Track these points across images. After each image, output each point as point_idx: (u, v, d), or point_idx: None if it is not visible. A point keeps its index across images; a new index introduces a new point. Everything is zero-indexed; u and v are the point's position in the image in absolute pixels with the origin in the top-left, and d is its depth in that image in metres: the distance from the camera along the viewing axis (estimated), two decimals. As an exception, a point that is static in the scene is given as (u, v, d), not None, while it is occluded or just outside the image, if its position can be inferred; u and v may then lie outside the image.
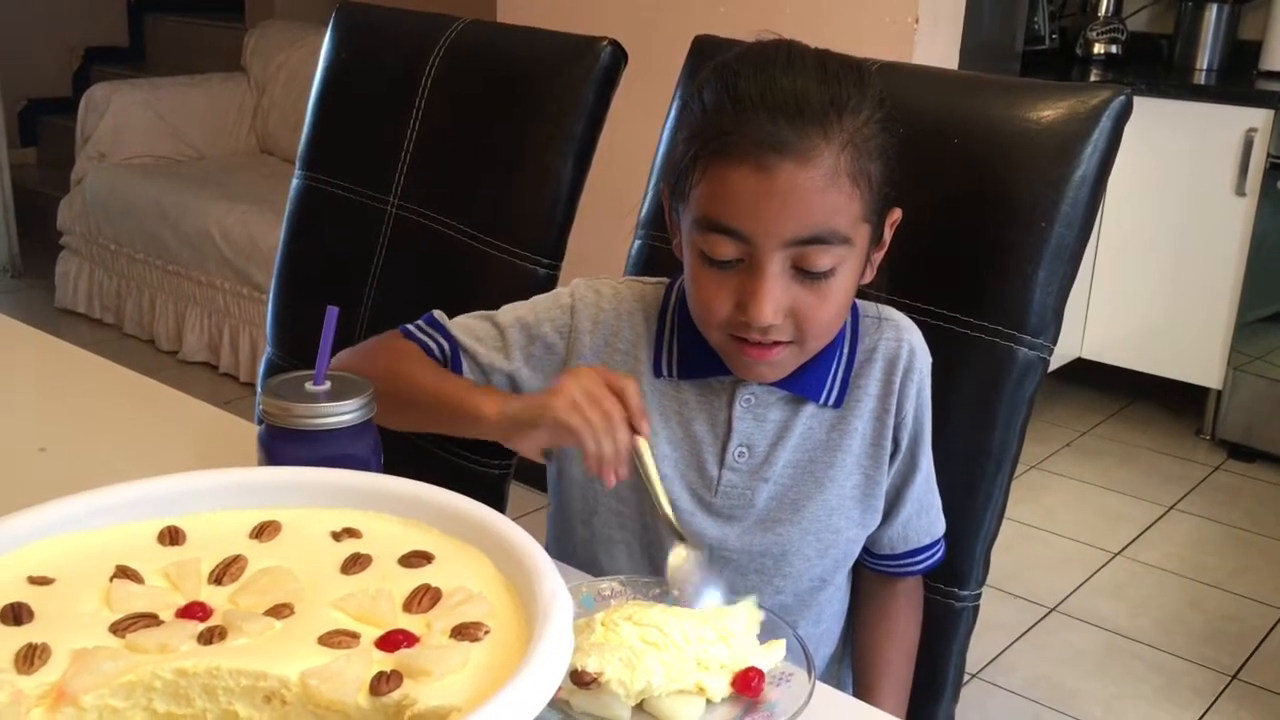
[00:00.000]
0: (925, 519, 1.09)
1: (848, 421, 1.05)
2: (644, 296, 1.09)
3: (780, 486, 1.05)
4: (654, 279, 1.11)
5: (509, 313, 1.11)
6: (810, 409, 1.04)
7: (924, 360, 1.06)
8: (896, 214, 1.01)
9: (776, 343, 0.96)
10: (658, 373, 1.06)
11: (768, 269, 0.92)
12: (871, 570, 1.12)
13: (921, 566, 1.10)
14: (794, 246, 0.92)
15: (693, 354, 1.04)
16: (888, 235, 1.01)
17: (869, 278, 1.02)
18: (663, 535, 1.06)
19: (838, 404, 1.04)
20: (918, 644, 1.13)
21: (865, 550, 1.10)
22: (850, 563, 1.10)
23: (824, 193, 0.91)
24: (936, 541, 1.10)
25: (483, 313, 1.12)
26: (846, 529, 1.06)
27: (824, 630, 1.11)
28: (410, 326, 1.12)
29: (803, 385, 1.03)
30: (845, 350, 1.04)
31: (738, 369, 1.01)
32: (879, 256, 1.02)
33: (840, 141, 0.91)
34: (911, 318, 1.09)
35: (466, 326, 1.11)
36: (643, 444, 0.93)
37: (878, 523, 1.08)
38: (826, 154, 0.90)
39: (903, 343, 1.05)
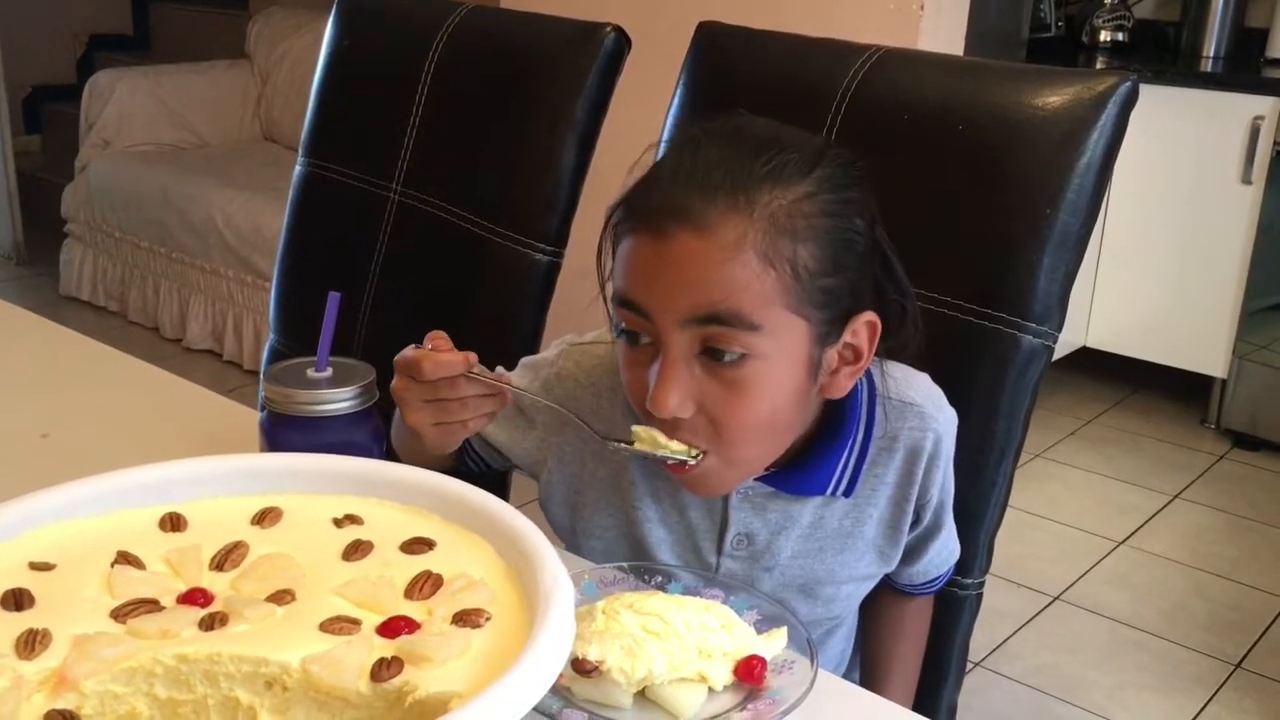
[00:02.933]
0: (943, 555, 1.06)
1: (862, 509, 0.98)
2: None
3: (786, 575, 0.99)
4: None
5: (512, 374, 1.04)
6: (817, 499, 0.97)
7: (949, 441, 0.99)
8: (866, 318, 0.89)
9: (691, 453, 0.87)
10: None
11: (671, 349, 0.84)
12: (887, 587, 1.10)
13: (936, 588, 1.10)
14: (695, 326, 0.83)
15: None
16: (862, 343, 0.90)
17: (841, 391, 0.91)
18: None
19: (849, 494, 0.96)
20: (926, 640, 1.13)
21: None
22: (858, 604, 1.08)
23: (722, 265, 0.81)
24: (951, 566, 1.09)
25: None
26: (857, 592, 1.03)
27: (838, 652, 1.10)
28: None
29: (803, 485, 0.96)
30: (859, 438, 0.95)
31: (673, 478, 0.93)
32: (856, 368, 0.90)
33: (752, 213, 0.82)
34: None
35: None
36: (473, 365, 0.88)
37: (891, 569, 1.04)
38: (732, 224, 0.81)
39: (927, 434, 0.96)
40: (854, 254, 0.87)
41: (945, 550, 1.07)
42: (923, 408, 0.97)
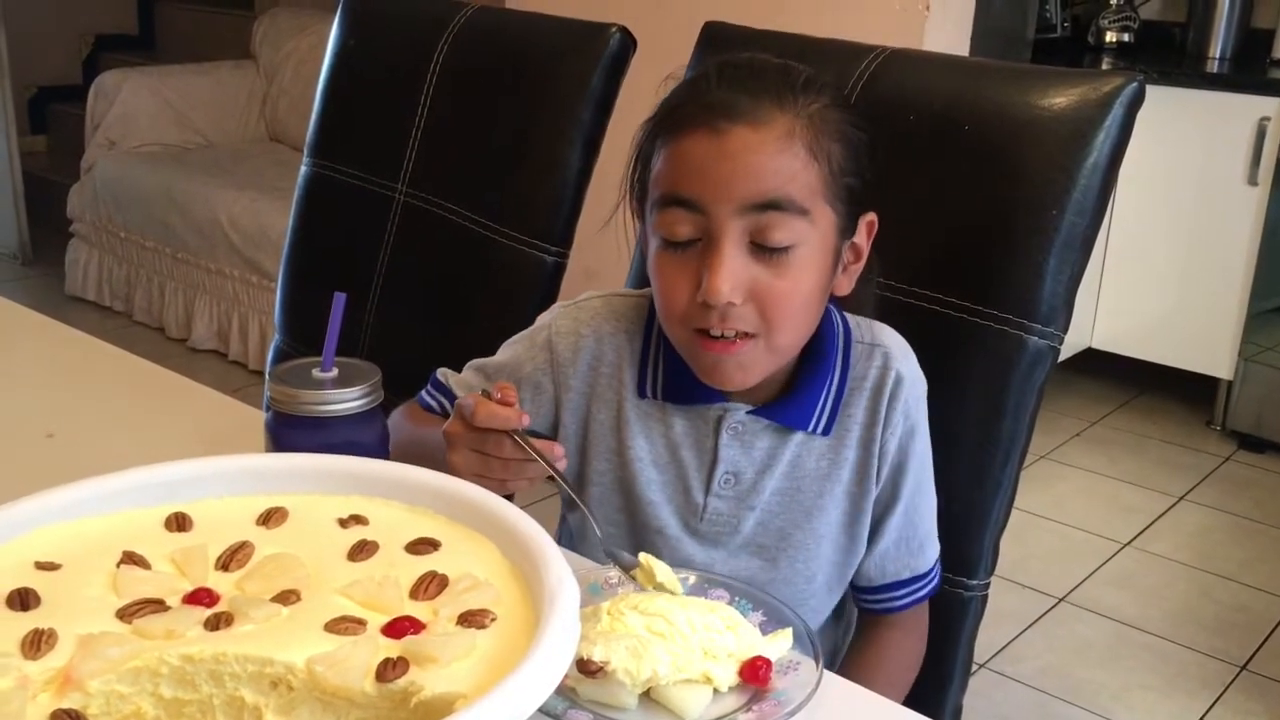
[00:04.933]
0: (903, 551, 1.05)
1: (838, 451, 1.02)
2: (626, 314, 1.06)
3: (767, 514, 1.03)
4: (640, 291, 1.07)
5: (497, 357, 1.08)
6: (799, 437, 1.02)
7: (911, 389, 1.02)
8: (872, 217, 0.99)
9: (740, 335, 0.93)
10: (642, 394, 1.03)
11: (724, 239, 0.91)
12: (858, 606, 1.10)
13: (902, 603, 1.06)
14: (749, 214, 0.90)
15: (678, 378, 1.01)
16: (864, 241, 0.99)
17: (845, 289, 1.00)
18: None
19: (826, 432, 1.02)
20: (915, 670, 1.09)
21: (850, 584, 1.07)
22: (842, 590, 1.08)
23: (777, 156, 0.90)
24: (920, 577, 1.06)
25: (479, 361, 1.09)
26: (832, 554, 1.04)
27: (830, 649, 1.10)
28: (422, 393, 1.11)
29: (790, 416, 1.01)
30: (836, 377, 1.01)
31: (703, 371, 0.97)
32: (856, 267, 1.00)
33: (795, 112, 0.92)
34: (921, 306, 1.08)
35: (464, 381, 1.09)
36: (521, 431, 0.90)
37: (863, 552, 1.05)
38: (780, 120, 0.91)
39: (889, 371, 1.01)
40: (863, 160, 0.96)
41: (903, 546, 1.05)
42: (889, 349, 1.03)
